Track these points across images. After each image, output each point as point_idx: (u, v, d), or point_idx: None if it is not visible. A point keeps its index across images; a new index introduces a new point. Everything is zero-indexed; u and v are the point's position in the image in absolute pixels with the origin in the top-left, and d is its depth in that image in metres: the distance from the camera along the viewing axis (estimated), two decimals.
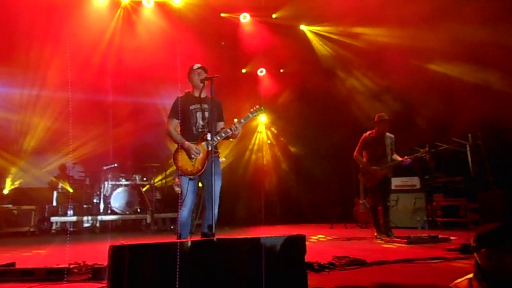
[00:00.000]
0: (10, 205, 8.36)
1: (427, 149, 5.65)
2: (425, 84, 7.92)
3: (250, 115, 3.81)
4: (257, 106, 3.86)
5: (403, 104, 8.22)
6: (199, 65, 3.88)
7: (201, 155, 3.65)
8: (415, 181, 7.85)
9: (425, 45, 7.35)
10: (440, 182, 7.93)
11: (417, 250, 4.24)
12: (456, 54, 6.98)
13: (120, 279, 1.89)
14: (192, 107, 3.80)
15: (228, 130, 3.68)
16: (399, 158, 5.63)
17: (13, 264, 3.31)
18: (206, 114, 3.81)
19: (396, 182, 7.76)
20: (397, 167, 5.78)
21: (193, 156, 3.62)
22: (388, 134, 5.74)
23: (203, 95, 3.84)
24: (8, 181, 9.15)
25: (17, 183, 9.31)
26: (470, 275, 1.91)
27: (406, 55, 7.53)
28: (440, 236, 5.05)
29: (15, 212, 8.21)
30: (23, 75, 9.20)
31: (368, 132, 5.82)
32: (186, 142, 3.66)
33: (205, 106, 3.82)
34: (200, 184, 3.88)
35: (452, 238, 5.09)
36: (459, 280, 1.95)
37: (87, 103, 9.69)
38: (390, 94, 8.60)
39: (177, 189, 7.64)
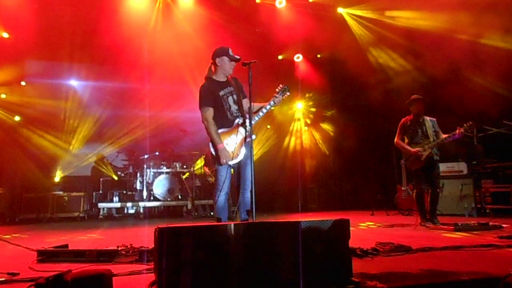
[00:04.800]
0: (61, 192, 8.87)
1: (470, 122, 5.10)
2: (469, 63, 7.48)
3: (279, 96, 3.77)
4: (281, 86, 3.79)
5: (446, 87, 7.82)
6: (231, 51, 3.76)
7: (238, 142, 3.67)
8: (461, 166, 7.49)
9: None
10: (490, 167, 7.52)
11: (465, 237, 4.05)
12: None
13: (165, 260, 1.94)
14: (221, 92, 3.77)
15: (260, 114, 3.73)
16: (443, 136, 5.34)
17: (66, 246, 3.50)
18: (235, 96, 3.80)
19: (441, 168, 7.42)
20: (441, 145, 5.43)
21: (223, 162, 3.62)
22: (428, 118, 5.50)
23: (224, 79, 3.82)
24: (59, 169, 9.68)
25: (67, 172, 9.83)
26: None
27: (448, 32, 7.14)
28: (490, 223, 4.79)
29: (66, 198, 8.70)
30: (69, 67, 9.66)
31: (406, 117, 5.63)
32: (221, 145, 3.63)
33: (232, 88, 3.81)
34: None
35: (504, 225, 4.82)
36: None
37: (128, 94, 10.02)
38: (433, 77, 8.20)
39: (210, 179, 7.78)
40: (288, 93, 3.82)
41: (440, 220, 5.30)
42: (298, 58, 11.05)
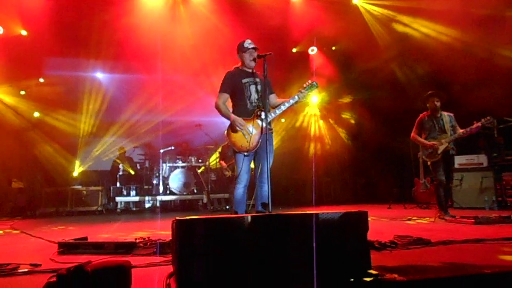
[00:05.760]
0: (79, 186, 9.03)
1: (488, 117, 5.14)
2: (490, 55, 7.29)
3: (304, 91, 3.72)
4: (309, 81, 3.76)
5: (466, 79, 7.64)
6: (250, 42, 3.76)
7: (255, 131, 3.64)
8: (482, 159, 7.32)
9: None
10: (511, 159, 7.33)
11: (486, 230, 3.96)
12: None
13: (183, 251, 1.95)
14: (244, 80, 3.77)
15: (280, 108, 3.67)
16: (460, 131, 5.33)
17: (85, 238, 3.57)
18: (259, 87, 3.78)
19: (460, 160, 7.31)
20: (457, 140, 5.41)
21: (238, 129, 3.61)
22: (445, 113, 5.51)
23: (251, 71, 3.83)
24: (77, 164, 9.86)
25: (85, 166, 10.00)
26: None
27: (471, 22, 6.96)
28: None
29: (84, 192, 8.86)
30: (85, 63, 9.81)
31: (424, 113, 5.65)
32: (233, 115, 3.65)
33: (257, 80, 3.80)
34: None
35: None
36: None
37: (144, 89, 10.11)
38: (451, 69, 8.01)
39: (227, 173, 7.78)
40: (315, 89, 3.78)
41: (460, 213, 5.23)
42: (313, 51, 10.93)
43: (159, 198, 9.08)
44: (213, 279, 1.94)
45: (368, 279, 2.06)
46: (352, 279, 2.07)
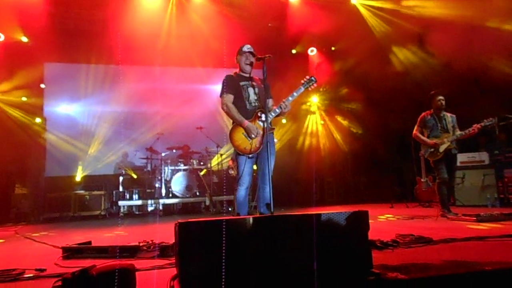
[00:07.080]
0: (82, 191, 9.06)
1: (490, 118, 5.21)
2: (492, 52, 7.29)
3: (302, 88, 3.72)
4: (307, 77, 3.75)
5: (469, 76, 7.66)
6: (249, 47, 3.79)
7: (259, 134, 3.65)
8: (483, 156, 7.32)
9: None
10: None
11: (488, 228, 3.97)
12: None
13: (187, 254, 1.97)
14: (242, 83, 3.80)
15: (280, 107, 3.66)
16: (458, 133, 5.39)
17: (89, 242, 3.59)
18: (257, 90, 3.81)
19: (462, 158, 7.30)
20: (459, 140, 5.45)
21: (253, 136, 3.62)
22: (448, 114, 5.55)
23: (247, 75, 3.87)
24: (80, 169, 9.87)
25: (87, 171, 10.02)
26: None
27: (469, 22, 6.97)
28: None
29: (87, 197, 8.88)
30: (86, 68, 9.85)
31: (427, 111, 5.66)
32: (246, 121, 3.62)
33: (254, 83, 3.84)
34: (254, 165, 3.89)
35: None
36: None
37: (144, 94, 10.14)
38: (453, 65, 8.01)
39: (232, 172, 7.80)
40: (314, 85, 3.74)
41: (462, 211, 5.24)
42: (312, 51, 10.95)
43: (161, 201, 9.09)
44: (215, 281, 1.96)
45: (370, 278, 2.07)
46: (354, 279, 2.09)
